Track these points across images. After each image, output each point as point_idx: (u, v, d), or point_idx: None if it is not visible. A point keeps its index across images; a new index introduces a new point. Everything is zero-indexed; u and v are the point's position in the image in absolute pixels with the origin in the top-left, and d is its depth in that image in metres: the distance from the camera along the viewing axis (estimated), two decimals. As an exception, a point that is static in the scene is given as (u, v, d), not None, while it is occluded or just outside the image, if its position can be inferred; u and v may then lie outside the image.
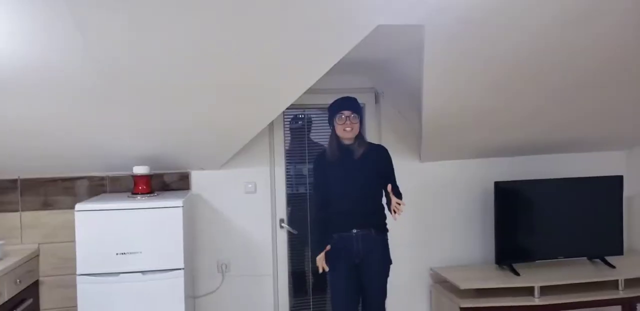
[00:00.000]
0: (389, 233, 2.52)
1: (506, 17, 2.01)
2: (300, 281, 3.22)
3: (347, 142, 2.45)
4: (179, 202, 2.45)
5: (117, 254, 2.38)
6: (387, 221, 2.50)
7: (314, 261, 2.48)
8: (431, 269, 3.17)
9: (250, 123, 2.57)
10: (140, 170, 2.62)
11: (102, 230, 2.38)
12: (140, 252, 2.40)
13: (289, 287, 3.12)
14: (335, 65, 2.17)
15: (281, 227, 3.08)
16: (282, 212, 3.09)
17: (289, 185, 3.14)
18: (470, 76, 2.39)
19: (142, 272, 2.40)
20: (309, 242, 3.15)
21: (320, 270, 2.42)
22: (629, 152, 3.45)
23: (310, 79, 2.25)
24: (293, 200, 3.15)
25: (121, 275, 2.38)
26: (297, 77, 2.23)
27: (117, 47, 1.89)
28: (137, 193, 2.62)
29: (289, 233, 3.10)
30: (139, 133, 2.49)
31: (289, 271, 3.12)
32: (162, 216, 2.43)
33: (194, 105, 2.31)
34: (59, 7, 1.67)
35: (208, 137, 2.60)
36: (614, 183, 3.14)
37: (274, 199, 3.07)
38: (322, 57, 2.12)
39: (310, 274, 3.21)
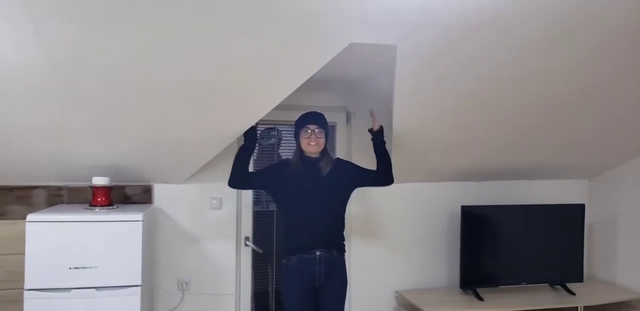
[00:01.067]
0: (351, 255, 2.48)
1: (480, 40, 2.04)
2: (263, 301, 3.14)
3: (312, 155, 2.42)
4: (139, 216, 2.37)
5: (70, 268, 2.27)
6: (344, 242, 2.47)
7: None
8: (396, 292, 3.13)
9: (217, 136, 2.51)
10: (99, 181, 2.52)
11: (55, 243, 2.26)
12: (96, 267, 2.29)
13: (252, 307, 3.03)
14: (307, 82, 2.15)
15: (246, 245, 3.00)
16: (247, 229, 3.02)
17: (256, 202, 3.08)
18: (441, 98, 2.42)
19: (97, 288, 2.29)
20: (273, 260, 3.09)
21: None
22: (591, 181, 3.54)
23: (281, 95, 2.22)
24: (260, 218, 3.09)
25: (73, 290, 2.26)
26: (267, 93, 2.20)
27: (78, 48, 1.81)
28: (96, 205, 2.52)
29: (254, 252, 3.03)
30: (100, 141, 2.39)
31: (251, 291, 3.03)
32: (121, 230, 2.34)
33: (160, 116, 2.25)
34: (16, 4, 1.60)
35: (173, 149, 2.53)
36: (576, 211, 3.20)
37: (239, 216, 3.00)
38: (294, 73, 2.10)
39: (274, 294, 3.13)
